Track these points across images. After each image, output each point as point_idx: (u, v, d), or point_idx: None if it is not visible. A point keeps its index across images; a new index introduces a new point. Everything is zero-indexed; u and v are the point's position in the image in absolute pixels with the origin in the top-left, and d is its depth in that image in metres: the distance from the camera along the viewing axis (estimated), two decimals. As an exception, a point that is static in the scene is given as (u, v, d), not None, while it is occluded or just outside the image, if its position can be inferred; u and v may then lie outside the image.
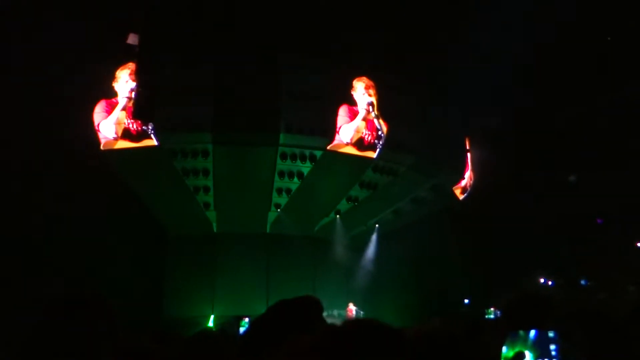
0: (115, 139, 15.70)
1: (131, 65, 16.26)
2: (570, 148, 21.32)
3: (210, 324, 19.09)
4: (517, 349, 2.82)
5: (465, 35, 17.46)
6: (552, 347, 2.72)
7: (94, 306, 1.82)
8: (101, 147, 15.67)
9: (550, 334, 2.76)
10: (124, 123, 15.66)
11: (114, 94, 16.01)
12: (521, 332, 2.86)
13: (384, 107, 17.26)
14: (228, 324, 18.22)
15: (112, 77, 16.03)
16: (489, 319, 18.81)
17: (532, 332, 2.80)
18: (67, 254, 16.74)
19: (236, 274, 19.49)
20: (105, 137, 15.65)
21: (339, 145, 16.69)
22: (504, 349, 2.81)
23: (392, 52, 16.97)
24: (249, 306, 18.82)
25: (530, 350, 2.78)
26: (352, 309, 19.60)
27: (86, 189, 16.63)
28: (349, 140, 16.57)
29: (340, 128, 16.58)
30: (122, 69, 16.26)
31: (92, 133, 15.56)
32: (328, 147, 16.59)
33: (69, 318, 1.75)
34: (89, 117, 15.65)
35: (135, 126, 15.61)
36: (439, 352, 2.36)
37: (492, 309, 19.51)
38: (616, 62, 19.12)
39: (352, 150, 16.76)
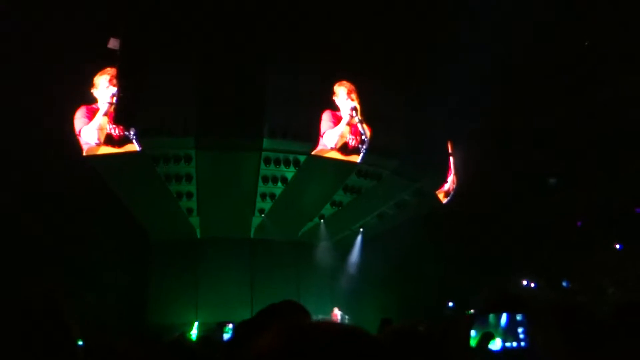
0: (98, 145, 15.51)
1: (110, 71, 16.10)
2: (551, 150, 21.65)
3: (194, 330, 18.92)
4: (485, 331, 2.84)
5: (445, 37, 17.66)
6: (520, 329, 2.75)
7: (40, 305, 1.72)
8: (83, 153, 15.44)
9: (518, 317, 2.80)
10: (106, 129, 15.47)
11: (93, 99, 15.82)
12: (491, 316, 2.89)
13: (367, 112, 17.33)
14: (212, 331, 18.07)
15: (90, 84, 15.84)
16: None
17: (504, 316, 2.84)
18: (48, 258, 16.49)
19: (220, 280, 19.36)
20: (88, 143, 15.44)
21: (324, 151, 16.70)
22: (473, 332, 2.83)
23: (373, 55, 17.05)
24: (233, 312, 18.68)
25: (499, 334, 2.81)
26: (337, 313, 19.57)
27: (68, 195, 16.44)
28: (333, 145, 16.60)
29: (324, 133, 16.58)
30: (100, 75, 16.09)
31: (73, 139, 15.34)
32: (313, 152, 16.58)
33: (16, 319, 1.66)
34: (70, 123, 15.43)
35: (117, 131, 15.43)
36: (403, 347, 2.37)
37: (472, 311, 19.61)
38: (595, 64, 19.44)
39: (336, 155, 16.77)
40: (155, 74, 15.55)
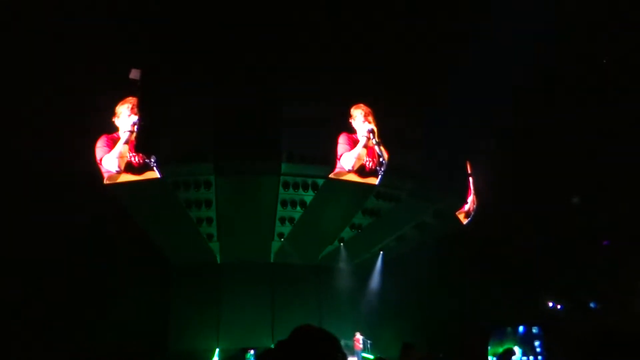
0: (119, 173, 15.77)
1: (131, 100, 16.46)
2: (575, 170, 21.30)
3: (216, 357, 18.84)
4: (506, 346, 2.79)
5: (463, 58, 17.68)
6: (537, 343, 2.71)
7: None
8: (105, 181, 15.70)
9: (535, 330, 2.77)
10: (127, 156, 15.74)
11: (114, 129, 16.16)
12: (509, 329, 2.86)
13: (384, 133, 17.34)
14: (232, 358, 17.99)
15: (112, 113, 16.19)
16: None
17: (521, 328, 2.81)
18: (72, 286, 16.73)
19: (241, 305, 19.33)
20: (109, 171, 15.71)
21: (341, 173, 16.70)
22: (489, 346, 2.79)
23: (391, 76, 17.15)
24: (254, 337, 18.62)
25: (519, 346, 2.78)
26: (359, 338, 19.32)
27: (90, 223, 16.72)
28: (350, 168, 16.60)
29: (341, 156, 16.61)
30: (121, 104, 16.46)
31: (94, 168, 15.62)
32: (330, 175, 16.59)
33: None
34: (92, 152, 15.75)
35: (137, 159, 15.69)
36: None
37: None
38: (614, 82, 19.24)
39: (354, 178, 16.75)
40: (175, 102, 15.86)
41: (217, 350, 19.02)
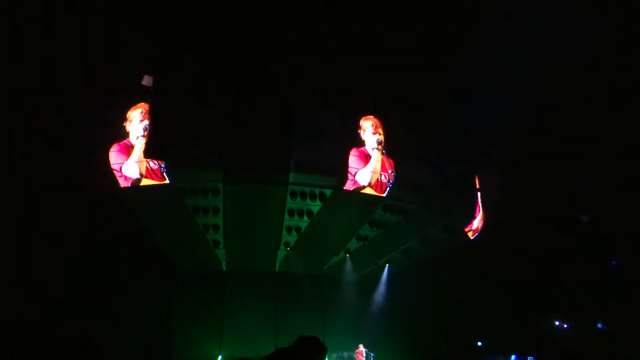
0: (140, 178, 15.93)
1: (143, 105, 16.61)
2: (584, 188, 21.14)
3: (218, 365, 18.80)
4: None
5: (471, 71, 17.69)
6: None
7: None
8: (122, 186, 15.84)
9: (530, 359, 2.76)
10: (145, 161, 15.89)
11: (125, 135, 16.30)
12: (501, 357, 2.86)
13: (393, 146, 17.36)
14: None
15: (124, 119, 16.34)
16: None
17: (513, 357, 2.81)
18: (77, 291, 16.77)
19: (244, 313, 19.28)
20: (129, 178, 15.86)
21: (359, 188, 16.78)
22: None
23: (399, 90, 17.20)
24: (256, 346, 18.50)
25: None
26: (362, 350, 19.18)
27: (98, 229, 16.80)
28: (367, 183, 16.68)
29: (356, 173, 16.67)
30: (133, 109, 16.61)
31: (107, 174, 15.75)
32: (346, 188, 16.62)
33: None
34: (104, 159, 15.89)
35: (156, 164, 15.83)
36: None
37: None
38: (626, 97, 19.09)
39: (371, 192, 16.82)
40: (185, 110, 15.99)
41: (220, 358, 18.97)
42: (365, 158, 17.01)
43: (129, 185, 15.95)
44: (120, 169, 15.84)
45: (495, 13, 16.54)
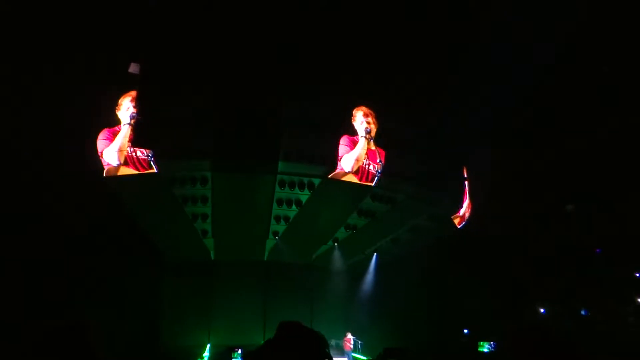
0: (118, 166, 15.73)
1: (133, 93, 16.42)
2: (570, 178, 21.39)
3: (207, 352, 18.86)
4: None
5: (463, 62, 17.73)
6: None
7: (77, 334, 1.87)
8: (104, 174, 15.67)
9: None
10: (127, 150, 15.71)
11: (116, 121, 16.13)
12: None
13: (383, 136, 17.37)
14: (221, 355, 18.01)
15: (116, 105, 16.14)
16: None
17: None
18: (65, 278, 16.69)
19: (233, 302, 19.36)
20: (109, 164, 15.67)
21: (340, 174, 16.73)
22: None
23: (390, 80, 17.18)
24: (245, 335, 18.63)
25: None
26: (350, 338, 19.38)
27: (87, 216, 16.68)
28: (349, 169, 16.63)
29: (341, 158, 16.63)
30: (125, 97, 16.42)
31: (96, 160, 15.58)
32: (329, 176, 16.60)
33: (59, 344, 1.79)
34: (93, 145, 15.71)
35: (138, 153, 15.66)
36: None
37: (484, 341, 19.35)
38: (615, 91, 19.28)
39: (353, 179, 16.78)
40: (174, 98, 15.84)
41: (209, 346, 19.04)
42: (354, 145, 17.01)
43: (106, 171, 15.76)
44: (101, 154, 15.68)
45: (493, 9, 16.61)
